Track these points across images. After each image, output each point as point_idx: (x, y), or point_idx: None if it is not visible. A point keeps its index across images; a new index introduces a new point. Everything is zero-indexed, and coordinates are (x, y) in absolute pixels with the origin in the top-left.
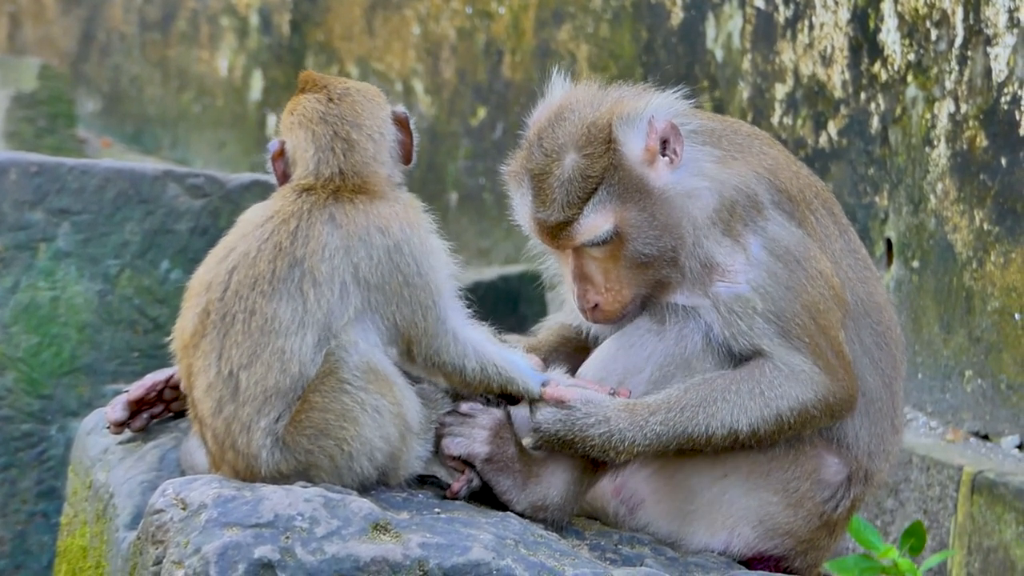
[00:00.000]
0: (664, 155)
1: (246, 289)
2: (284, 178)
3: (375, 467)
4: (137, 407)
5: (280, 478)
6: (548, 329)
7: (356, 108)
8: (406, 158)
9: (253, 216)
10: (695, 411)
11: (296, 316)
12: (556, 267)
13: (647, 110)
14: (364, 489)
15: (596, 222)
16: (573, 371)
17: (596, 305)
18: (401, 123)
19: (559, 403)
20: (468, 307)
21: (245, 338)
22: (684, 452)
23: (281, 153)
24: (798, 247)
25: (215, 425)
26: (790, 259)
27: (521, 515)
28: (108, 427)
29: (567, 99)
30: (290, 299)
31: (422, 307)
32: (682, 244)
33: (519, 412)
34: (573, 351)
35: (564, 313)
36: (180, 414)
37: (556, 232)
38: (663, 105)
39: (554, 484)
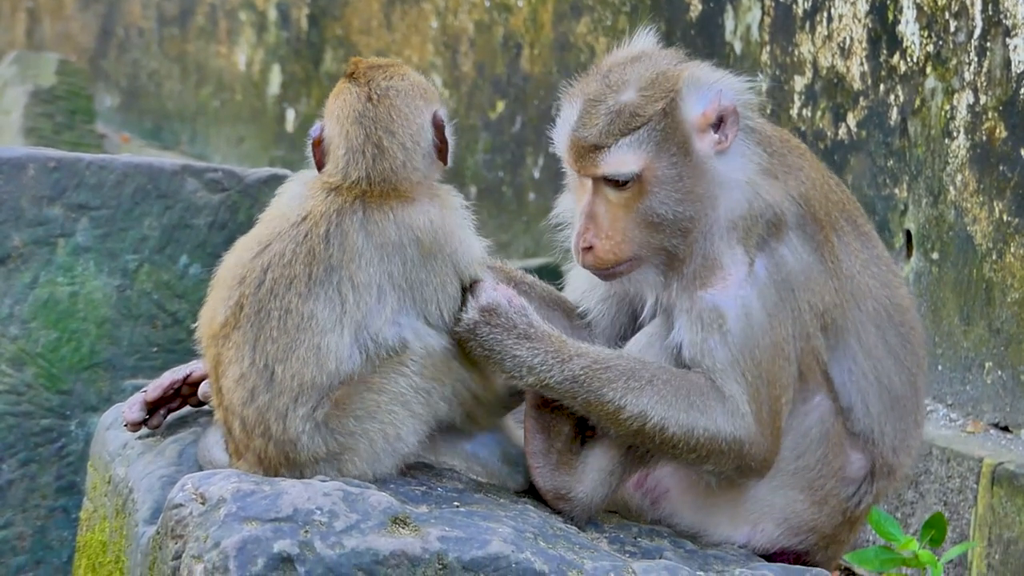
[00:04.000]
0: (715, 133)
1: (281, 288)
2: (321, 165)
3: (411, 450)
4: (154, 405)
5: (311, 463)
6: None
7: (392, 113)
8: (443, 159)
9: (287, 211)
10: (619, 378)
11: (334, 315)
12: (577, 281)
13: (720, 83)
14: (384, 482)
15: (625, 158)
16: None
17: (591, 247)
18: (437, 126)
19: (490, 310)
20: None
21: (281, 334)
22: (588, 412)
23: (321, 139)
24: (799, 275)
25: (245, 413)
26: (785, 287)
27: (541, 494)
28: (126, 425)
29: (649, 49)
30: (328, 301)
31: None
32: (696, 222)
33: None
34: (561, 308)
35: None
36: (199, 405)
37: (584, 154)
38: (737, 88)
39: (583, 480)
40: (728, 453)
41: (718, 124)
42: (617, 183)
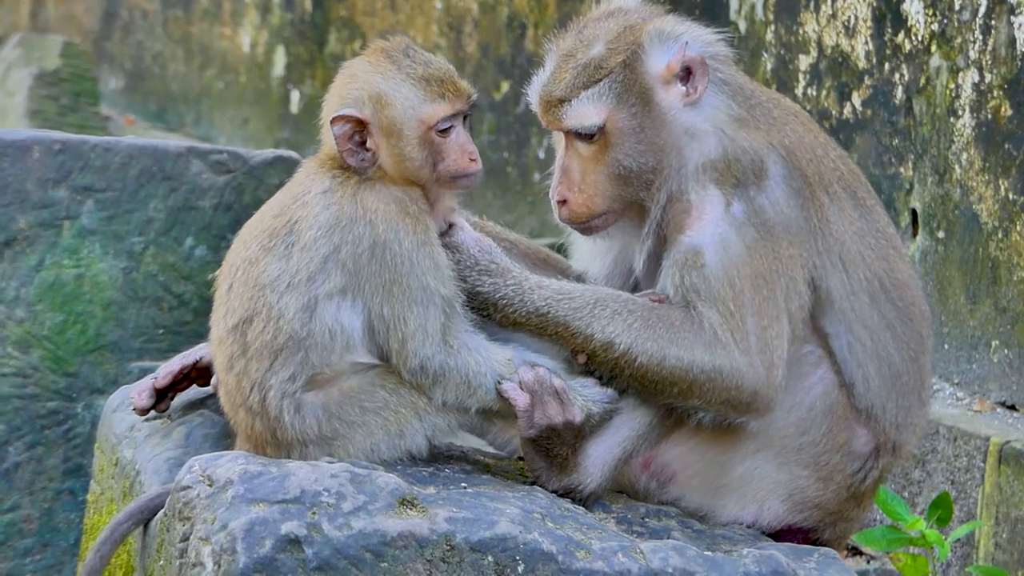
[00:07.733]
0: (683, 85)
1: (252, 239)
2: None
3: (415, 449)
4: (163, 391)
5: (299, 444)
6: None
7: (329, 98)
8: (347, 159)
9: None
10: (583, 307)
11: (283, 276)
12: (580, 248)
13: (685, 35)
14: (391, 464)
15: (587, 111)
16: None
17: (566, 201)
18: (353, 127)
19: (455, 248)
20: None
21: (245, 289)
22: (564, 345)
23: None
24: (778, 225)
25: (227, 381)
26: (764, 229)
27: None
28: (134, 410)
29: (626, 5)
30: (279, 258)
31: (402, 315)
32: (659, 173)
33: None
34: (551, 265)
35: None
36: (206, 385)
37: (551, 108)
38: (703, 40)
39: (592, 474)
40: (709, 385)
41: (686, 76)
42: (583, 136)
